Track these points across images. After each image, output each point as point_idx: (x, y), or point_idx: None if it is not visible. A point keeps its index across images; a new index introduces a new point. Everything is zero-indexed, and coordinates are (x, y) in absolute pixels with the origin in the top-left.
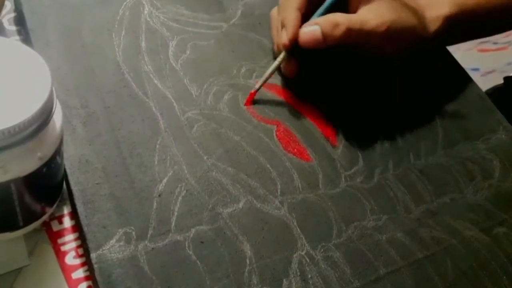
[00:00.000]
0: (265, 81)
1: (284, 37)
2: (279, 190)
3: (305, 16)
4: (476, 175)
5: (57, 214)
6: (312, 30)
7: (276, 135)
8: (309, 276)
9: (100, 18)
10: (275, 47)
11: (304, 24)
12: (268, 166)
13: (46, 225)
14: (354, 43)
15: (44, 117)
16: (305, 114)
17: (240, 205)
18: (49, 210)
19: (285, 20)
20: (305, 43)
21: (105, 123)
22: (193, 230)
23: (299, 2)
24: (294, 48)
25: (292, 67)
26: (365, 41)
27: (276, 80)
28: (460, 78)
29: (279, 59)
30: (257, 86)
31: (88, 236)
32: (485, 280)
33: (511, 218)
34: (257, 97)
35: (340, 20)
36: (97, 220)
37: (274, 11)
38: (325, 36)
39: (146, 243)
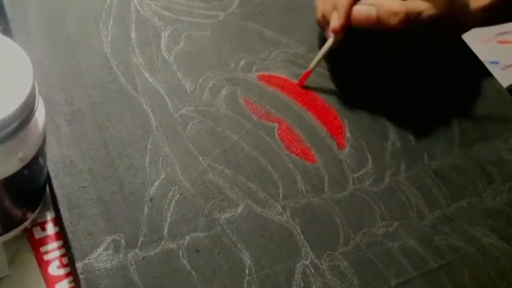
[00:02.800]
0: (318, 63)
1: (335, 21)
2: (281, 194)
3: None
4: (495, 177)
5: (39, 220)
6: (368, 11)
7: (278, 134)
8: (314, 287)
9: (86, 7)
10: (319, 16)
11: (360, 2)
12: (269, 167)
13: (28, 232)
14: (403, 29)
15: (25, 114)
16: (309, 111)
17: (239, 210)
18: (31, 216)
19: (338, 4)
20: (357, 22)
21: (91, 121)
22: (187, 238)
23: None
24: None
25: (342, 46)
26: (416, 30)
27: (278, 73)
28: (478, 72)
29: (328, 44)
30: (311, 66)
31: (73, 244)
32: None
33: None
34: (257, 92)
35: (398, 8)
36: (83, 226)
37: None
38: (379, 20)
39: (136, 252)
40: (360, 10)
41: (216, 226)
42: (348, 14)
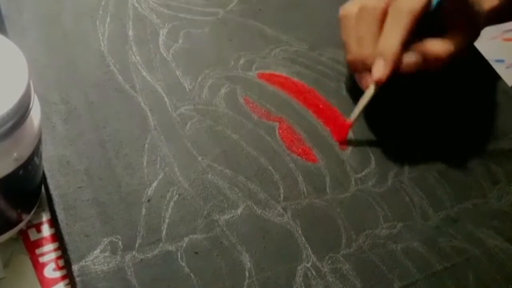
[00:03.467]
0: (359, 114)
1: (380, 71)
2: (282, 195)
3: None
4: (501, 178)
5: (35, 222)
6: (417, 60)
7: (279, 133)
8: None
9: (83, 4)
10: (352, 59)
11: (409, 53)
12: (270, 167)
13: (23, 234)
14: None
15: (20, 114)
16: (311, 110)
17: (239, 211)
18: (26, 217)
19: (385, 52)
20: (405, 71)
21: (88, 120)
22: (186, 239)
23: (405, 35)
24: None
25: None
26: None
27: (279, 71)
28: (482, 71)
29: (369, 94)
30: (353, 117)
31: (69, 246)
32: None
33: None
34: (257, 90)
35: (443, 54)
36: (79, 228)
37: (352, 12)
38: (425, 66)
39: (134, 254)
40: (411, 60)
41: (216, 228)
42: (397, 64)
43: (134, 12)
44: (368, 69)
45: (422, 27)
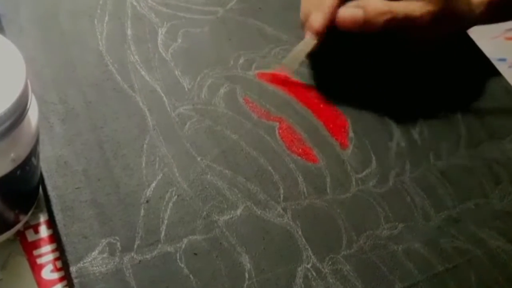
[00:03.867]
0: (293, 63)
1: (317, 22)
2: (281, 195)
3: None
4: (503, 178)
5: (32, 223)
6: (354, 12)
7: (279, 133)
8: None
9: (81, 2)
10: (302, 16)
11: (346, 5)
12: (270, 168)
13: (20, 235)
14: (394, 30)
15: (17, 113)
16: (311, 110)
17: (238, 212)
18: (24, 218)
19: (322, 4)
20: (343, 25)
21: (86, 120)
22: (185, 241)
23: None
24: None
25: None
26: (407, 30)
27: (278, 71)
28: (485, 70)
29: (305, 44)
30: (286, 62)
31: (67, 248)
32: None
33: None
34: (257, 91)
35: (385, 9)
36: (77, 229)
37: None
38: (366, 21)
39: (132, 255)
40: (346, 13)
41: (215, 229)
42: (333, 16)
43: (132, 11)
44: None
45: None
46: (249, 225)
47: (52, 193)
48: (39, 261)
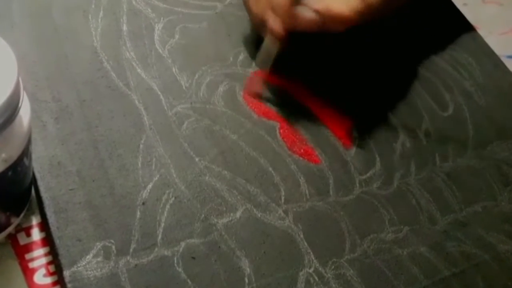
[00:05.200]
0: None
1: (276, 25)
2: (282, 197)
3: None
4: None
5: (24, 225)
6: (312, 17)
7: (280, 133)
8: None
9: None
10: (255, 20)
11: (303, 8)
12: (270, 169)
13: (12, 238)
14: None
15: (9, 112)
16: (313, 108)
17: (238, 214)
18: (15, 221)
19: (276, 6)
20: (300, 27)
21: (80, 119)
22: (182, 244)
23: None
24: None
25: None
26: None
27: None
28: (493, 67)
29: (273, 45)
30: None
31: (61, 251)
32: None
33: None
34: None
35: (346, 15)
36: (71, 232)
37: None
38: (325, 26)
39: (128, 259)
40: (304, 16)
41: (214, 232)
42: (291, 19)
43: (128, 6)
44: (264, 25)
45: None
46: (249, 228)
47: (45, 195)
48: (31, 265)
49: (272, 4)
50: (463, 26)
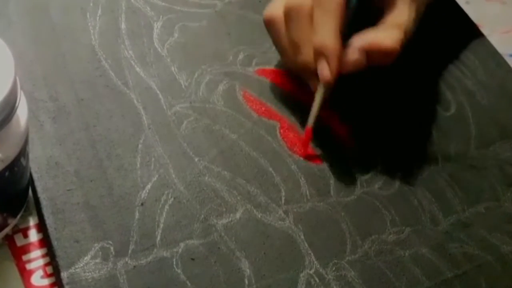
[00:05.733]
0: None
1: (326, 73)
2: (283, 198)
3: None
4: None
5: (21, 226)
6: (359, 59)
7: (280, 133)
8: None
9: None
10: (291, 65)
11: (348, 52)
12: (270, 169)
13: (9, 239)
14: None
15: (6, 112)
16: None
17: (238, 215)
18: (12, 222)
19: (324, 50)
20: (348, 71)
21: (78, 119)
22: (182, 245)
23: (338, 22)
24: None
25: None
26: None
27: (280, 68)
28: (496, 66)
29: (319, 97)
30: (310, 123)
31: (58, 252)
32: None
33: None
34: (257, 88)
35: (392, 48)
36: (69, 233)
37: (278, 14)
38: (371, 62)
39: (126, 260)
40: (351, 61)
41: (213, 233)
42: (340, 63)
43: (127, 4)
44: (312, 72)
45: (358, 19)
46: (249, 229)
47: (42, 195)
48: (29, 266)
49: (318, 48)
50: (466, 25)
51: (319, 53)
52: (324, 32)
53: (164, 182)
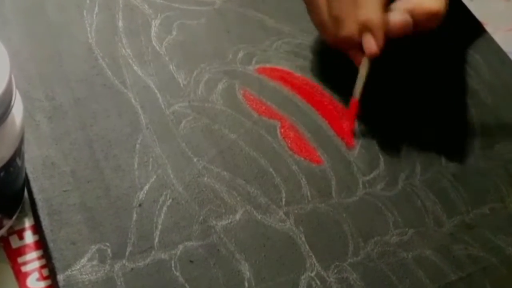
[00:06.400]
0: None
1: (373, 46)
2: (283, 199)
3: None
4: None
5: (17, 228)
6: (404, 20)
7: (280, 132)
8: None
9: None
10: (333, 40)
11: (393, 9)
12: (271, 169)
13: (4, 241)
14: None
15: (1, 111)
16: (315, 107)
17: (237, 216)
18: (8, 223)
19: (369, 23)
20: (393, 35)
21: (74, 118)
22: (180, 247)
23: None
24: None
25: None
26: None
27: (281, 66)
28: (501, 64)
29: (365, 70)
30: (357, 95)
31: (55, 254)
32: None
33: None
34: (257, 86)
35: (437, 9)
36: (65, 235)
37: None
38: (417, 25)
39: (124, 263)
40: (397, 22)
41: (212, 235)
42: (385, 25)
43: (124, 2)
44: (355, 45)
45: None
46: (248, 231)
47: (38, 196)
48: (24, 269)
49: (363, 22)
50: (470, 22)
51: (364, 27)
52: (369, 5)
53: (162, 183)
